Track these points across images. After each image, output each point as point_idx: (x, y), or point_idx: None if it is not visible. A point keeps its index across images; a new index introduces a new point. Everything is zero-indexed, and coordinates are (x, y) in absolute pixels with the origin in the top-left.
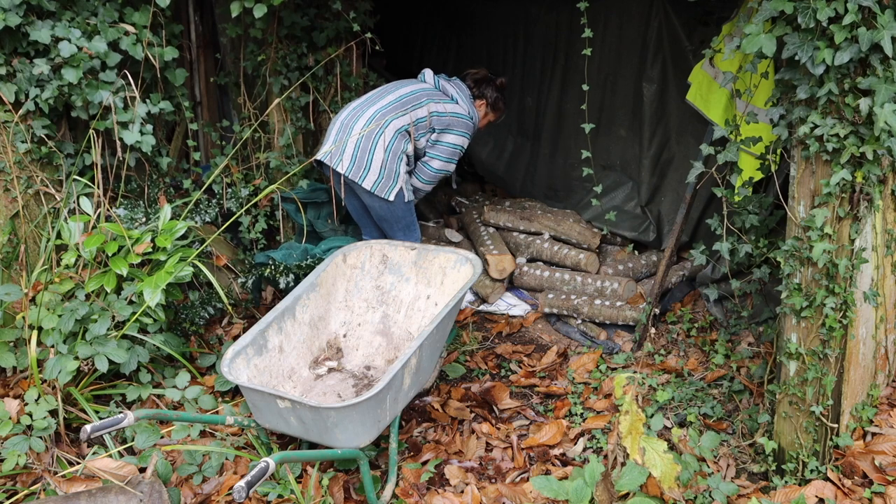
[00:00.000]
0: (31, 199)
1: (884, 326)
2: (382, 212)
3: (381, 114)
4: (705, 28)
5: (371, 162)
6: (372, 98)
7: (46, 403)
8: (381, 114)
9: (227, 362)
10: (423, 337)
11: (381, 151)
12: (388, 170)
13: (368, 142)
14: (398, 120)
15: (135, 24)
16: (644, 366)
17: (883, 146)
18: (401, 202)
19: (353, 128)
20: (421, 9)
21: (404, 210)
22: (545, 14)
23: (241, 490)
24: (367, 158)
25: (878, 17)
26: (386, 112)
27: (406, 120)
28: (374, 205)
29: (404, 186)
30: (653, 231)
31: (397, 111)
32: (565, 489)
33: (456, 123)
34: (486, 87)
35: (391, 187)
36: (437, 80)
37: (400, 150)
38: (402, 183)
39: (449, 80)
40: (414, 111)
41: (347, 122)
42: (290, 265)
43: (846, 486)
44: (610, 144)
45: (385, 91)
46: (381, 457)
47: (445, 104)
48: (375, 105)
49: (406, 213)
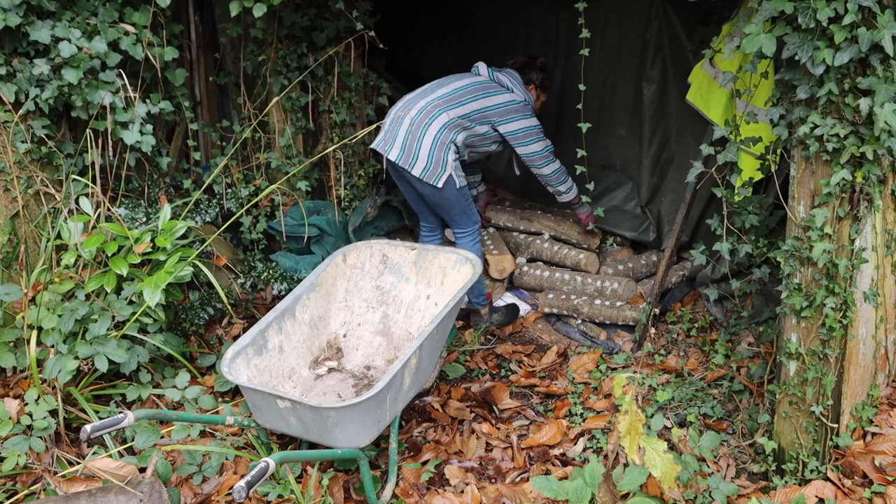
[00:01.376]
0: (31, 199)
1: (884, 326)
2: (435, 198)
3: (432, 104)
4: (705, 28)
5: (419, 150)
6: (426, 90)
7: (46, 403)
8: (433, 105)
9: (227, 362)
10: (423, 337)
11: (429, 141)
12: (435, 158)
13: (418, 131)
14: (449, 112)
15: (135, 24)
16: (644, 366)
17: (883, 146)
18: (451, 188)
19: (403, 118)
20: (421, 9)
21: (457, 196)
22: (545, 14)
23: (241, 490)
24: (415, 147)
25: (878, 16)
26: (438, 103)
27: (458, 112)
28: (425, 191)
29: (454, 173)
30: (653, 231)
31: (449, 103)
32: (565, 489)
33: (513, 110)
34: (530, 71)
35: (440, 174)
36: (492, 72)
37: (448, 139)
38: (450, 170)
39: (501, 71)
40: (468, 104)
41: (400, 113)
42: (287, 272)
43: (846, 486)
44: (610, 144)
45: (439, 84)
46: (381, 457)
47: (502, 95)
48: (428, 97)
49: (459, 199)
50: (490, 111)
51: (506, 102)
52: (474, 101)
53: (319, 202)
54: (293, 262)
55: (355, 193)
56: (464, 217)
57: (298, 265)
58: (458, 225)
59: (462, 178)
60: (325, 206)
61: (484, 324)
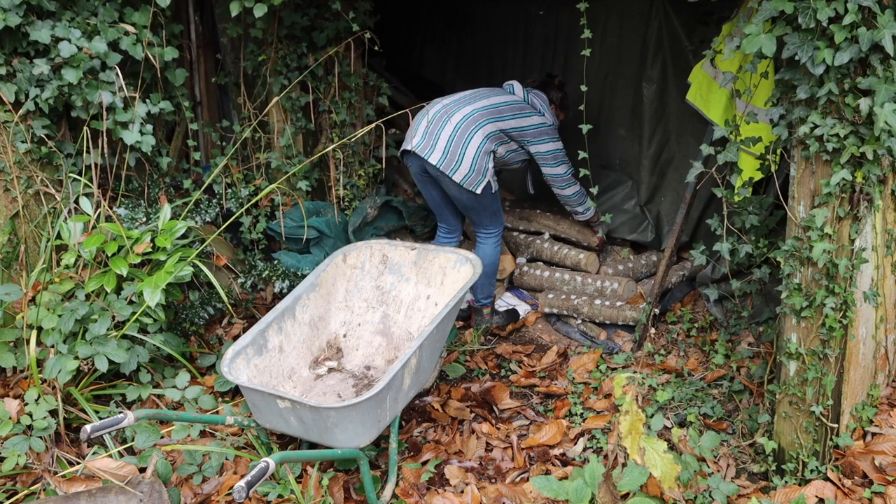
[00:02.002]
0: (31, 199)
1: (884, 326)
2: (470, 202)
3: (476, 115)
4: (705, 28)
5: (463, 158)
6: (465, 99)
7: (46, 403)
8: (477, 115)
9: (227, 362)
10: (423, 337)
11: (474, 150)
12: (477, 166)
13: (462, 139)
14: (491, 125)
15: (135, 24)
16: (644, 366)
17: (883, 146)
18: (487, 193)
19: (445, 123)
20: (421, 9)
21: (491, 199)
22: (545, 14)
23: (241, 490)
24: (458, 153)
25: (878, 16)
26: (482, 114)
27: (501, 125)
28: (460, 196)
29: (491, 180)
30: (652, 231)
31: (492, 116)
32: (565, 489)
33: (545, 133)
34: (550, 90)
35: (479, 181)
36: (526, 94)
37: (490, 149)
38: (489, 177)
39: (531, 92)
40: (509, 120)
41: (439, 117)
42: (289, 270)
43: (846, 486)
44: (609, 144)
45: (479, 95)
46: (381, 457)
47: (535, 117)
48: (470, 106)
49: (493, 202)
50: (525, 131)
51: (538, 125)
52: (513, 118)
53: (319, 203)
54: (295, 260)
55: (355, 193)
56: (493, 219)
57: (300, 263)
58: (486, 227)
59: (496, 183)
60: (324, 206)
61: (485, 324)
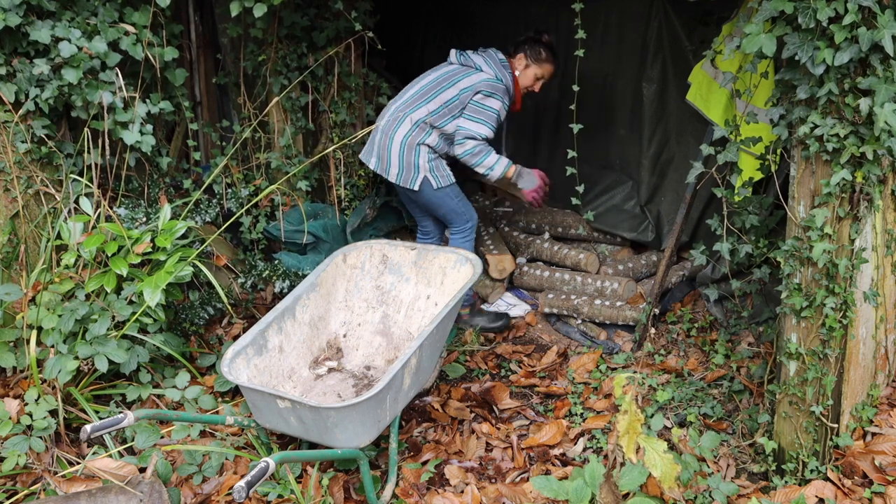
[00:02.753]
0: (31, 199)
1: (884, 326)
2: (419, 200)
3: (398, 109)
4: (705, 28)
5: (391, 156)
6: (400, 93)
7: (46, 403)
8: (398, 109)
9: (227, 362)
10: (423, 337)
11: (398, 144)
12: (406, 161)
13: (386, 137)
14: (416, 112)
15: (135, 24)
16: (644, 366)
17: (883, 146)
18: (428, 190)
19: (379, 125)
20: (421, 9)
21: (440, 196)
22: (545, 14)
23: (241, 490)
24: (387, 152)
25: (878, 16)
26: (405, 105)
27: (422, 112)
28: (406, 195)
29: (429, 175)
30: (652, 231)
31: (417, 102)
32: (565, 489)
33: (483, 87)
34: (523, 44)
35: (414, 178)
36: (460, 56)
37: (416, 141)
38: (424, 172)
39: (476, 51)
40: (440, 95)
41: (379, 121)
42: (290, 270)
43: (846, 486)
44: (609, 144)
45: (410, 85)
46: (381, 457)
47: (471, 76)
48: (397, 101)
49: (444, 199)
50: (463, 94)
51: (477, 81)
52: (437, 95)
53: (317, 205)
54: (296, 260)
55: (355, 193)
56: (454, 216)
57: (301, 263)
58: (451, 223)
59: (444, 178)
60: (322, 209)
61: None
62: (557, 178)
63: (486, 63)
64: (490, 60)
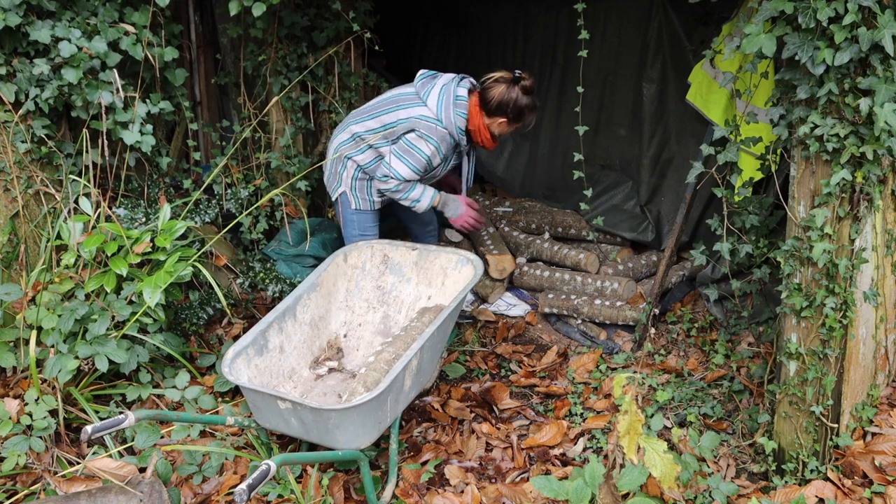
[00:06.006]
0: (31, 199)
1: (884, 326)
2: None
3: (348, 117)
4: (705, 28)
5: (328, 158)
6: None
7: (46, 403)
8: (349, 117)
9: (227, 362)
10: (424, 338)
11: (332, 150)
12: (333, 169)
13: (331, 143)
14: (357, 125)
15: (135, 24)
16: (644, 366)
17: (883, 146)
18: (345, 206)
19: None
20: (421, 9)
21: (349, 216)
22: (544, 14)
23: (243, 493)
24: (328, 154)
25: (878, 16)
26: (354, 115)
27: (364, 126)
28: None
29: (349, 192)
30: (652, 231)
31: (364, 114)
32: (565, 489)
33: (418, 125)
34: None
35: (335, 188)
36: (421, 79)
37: (345, 154)
38: (345, 187)
39: (434, 78)
40: (382, 115)
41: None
42: (282, 276)
43: (846, 486)
44: (610, 144)
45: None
46: (381, 457)
47: (413, 108)
48: (355, 110)
49: (351, 221)
50: (400, 124)
51: (415, 116)
52: (380, 115)
53: (314, 220)
54: (291, 269)
55: None
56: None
57: (296, 272)
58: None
59: (364, 202)
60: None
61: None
62: (558, 178)
63: (438, 99)
64: (443, 97)
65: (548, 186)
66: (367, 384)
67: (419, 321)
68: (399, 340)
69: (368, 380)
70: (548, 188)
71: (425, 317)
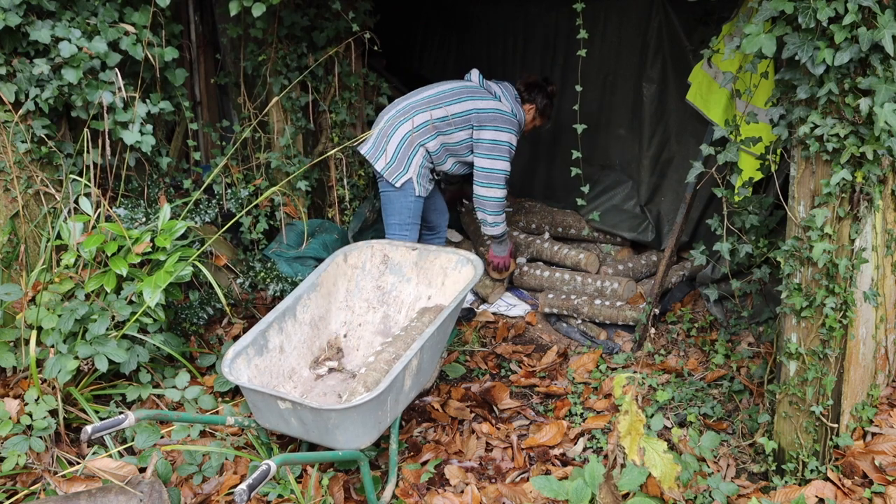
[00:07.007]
0: (31, 199)
1: (884, 326)
2: (386, 199)
3: (410, 106)
4: (705, 28)
5: (387, 146)
6: (412, 93)
7: (46, 403)
8: (412, 106)
9: (227, 362)
10: (424, 338)
11: (398, 138)
12: (400, 155)
13: (389, 128)
14: (425, 113)
15: (135, 24)
16: (644, 366)
17: (883, 146)
18: (409, 193)
19: (381, 118)
20: (421, 9)
21: (408, 203)
22: (545, 14)
23: (243, 493)
24: (384, 142)
25: (878, 16)
26: (416, 105)
27: (439, 113)
28: (384, 190)
29: (415, 179)
30: (652, 231)
31: (430, 105)
32: (565, 489)
33: (499, 119)
34: (536, 92)
35: (400, 174)
36: (482, 80)
37: (417, 141)
38: (412, 174)
39: (496, 82)
40: (449, 106)
41: (383, 113)
42: (284, 276)
43: (846, 486)
44: (610, 144)
45: (427, 87)
46: (381, 457)
47: (488, 101)
48: (410, 99)
49: (408, 208)
50: (472, 114)
51: (491, 109)
52: (458, 103)
53: (314, 221)
54: (292, 268)
55: (355, 193)
56: (400, 230)
57: (297, 270)
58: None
59: (424, 190)
60: (320, 224)
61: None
62: (558, 177)
63: (505, 96)
64: (508, 94)
65: (548, 186)
66: (367, 384)
67: (419, 321)
68: (399, 340)
69: (368, 380)
70: (548, 188)
71: (425, 317)
